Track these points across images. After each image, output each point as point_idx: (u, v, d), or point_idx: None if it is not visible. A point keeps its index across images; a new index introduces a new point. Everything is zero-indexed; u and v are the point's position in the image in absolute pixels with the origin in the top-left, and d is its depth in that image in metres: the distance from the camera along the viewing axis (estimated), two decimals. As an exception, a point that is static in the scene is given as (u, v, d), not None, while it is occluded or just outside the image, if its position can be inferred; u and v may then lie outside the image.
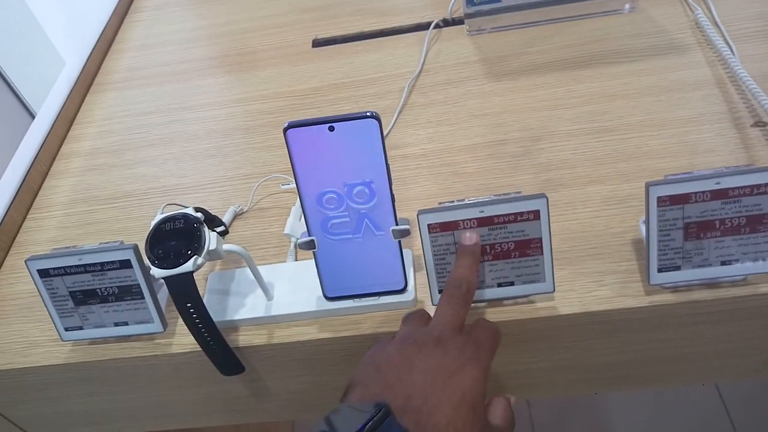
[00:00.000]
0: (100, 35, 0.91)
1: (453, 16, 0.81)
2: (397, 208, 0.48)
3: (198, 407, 0.61)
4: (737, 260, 0.47)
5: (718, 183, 0.45)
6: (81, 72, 0.84)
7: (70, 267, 0.51)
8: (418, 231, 0.48)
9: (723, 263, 0.47)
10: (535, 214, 0.46)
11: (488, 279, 0.49)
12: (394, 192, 0.47)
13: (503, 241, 0.47)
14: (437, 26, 0.80)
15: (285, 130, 0.45)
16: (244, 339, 0.53)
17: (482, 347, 0.41)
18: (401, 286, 0.51)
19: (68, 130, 0.79)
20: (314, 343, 0.52)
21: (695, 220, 0.46)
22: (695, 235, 0.46)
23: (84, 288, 0.52)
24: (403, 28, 0.82)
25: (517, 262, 0.47)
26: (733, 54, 0.66)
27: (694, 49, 0.69)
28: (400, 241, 0.49)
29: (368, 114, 0.44)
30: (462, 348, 0.39)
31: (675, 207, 0.46)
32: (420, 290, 0.52)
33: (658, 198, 0.45)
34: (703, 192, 0.45)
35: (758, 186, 0.45)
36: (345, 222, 0.48)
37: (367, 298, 0.51)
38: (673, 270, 0.47)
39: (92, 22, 0.92)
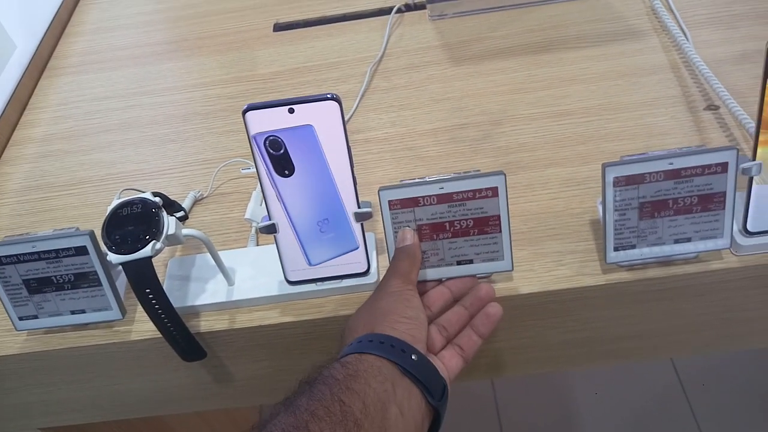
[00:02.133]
0: (54, 18, 0.88)
1: (415, 1, 0.81)
2: (359, 192, 0.48)
3: (160, 395, 0.60)
4: (689, 238, 0.48)
5: (671, 163, 0.46)
6: (33, 55, 0.82)
7: (23, 255, 0.50)
8: (380, 208, 0.48)
9: (676, 241, 0.48)
10: (494, 191, 0.46)
11: (447, 257, 0.49)
12: (356, 176, 0.47)
13: (462, 219, 0.47)
14: (399, 11, 0.80)
15: (244, 112, 0.45)
16: (205, 324, 0.52)
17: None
18: (364, 269, 0.51)
19: (20, 116, 0.77)
20: (276, 327, 0.52)
21: (649, 199, 0.47)
22: (650, 214, 0.47)
23: (38, 276, 0.51)
24: (365, 13, 0.81)
25: (476, 240, 0.48)
26: (687, 40, 0.67)
27: (650, 34, 0.70)
28: (362, 224, 0.49)
29: (329, 96, 0.44)
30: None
31: (630, 187, 0.47)
32: (382, 273, 0.52)
33: (614, 178, 0.46)
34: (657, 172, 0.46)
35: (709, 166, 0.46)
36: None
37: (330, 282, 0.51)
38: (629, 248, 0.49)
39: (45, 4, 0.89)
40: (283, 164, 0.46)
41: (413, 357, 0.41)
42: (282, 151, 0.45)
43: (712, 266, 0.49)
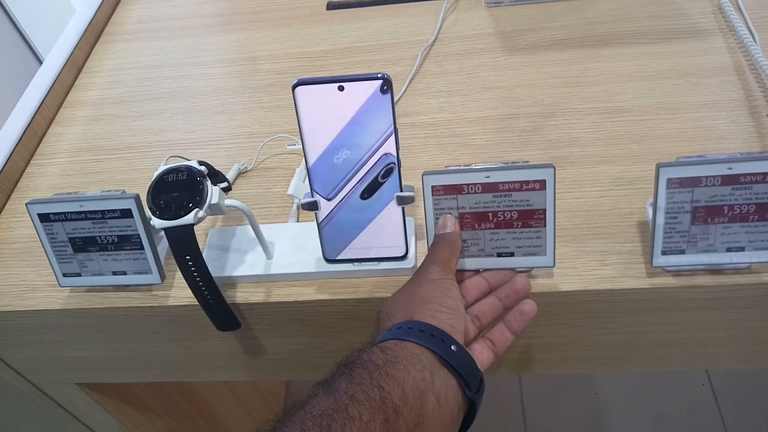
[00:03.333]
0: (113, -16, 0.90)
1: (472, -13, 0.79)
2: (402, 176, 0.47)
3: (192, 361, 0.61)
4: (743, 248, 0.46)
5: (730, 168, 0.44)
6: (91, 20, 0.83)
7: (71, 213, 0.51)
8: (422, 193, 0.47)
9: (728, 250, 0.46)
10: (541, 184, 0.45)
11: (488, 248, 0.48)
12: (400, 159, 0.47)
13: (506, 210, 0.46)
14: (455, -5, 0.79)
15: (293, 87, 0.44)
16: (241, 296, 0.53)
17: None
18: (402, 253, 0.50)
19: (76, 79, 0.78)
20: (311, 304, 0.52)
21: (704, 204, 0.45)
22: (702, 219, 0.46)
23: (84, 235, 0.52)
24: (420, -4, 0.80)
25: (519, 233, 0.47)
26: (755, 41, 0.65)
27: (716, 34, 0.68)
28: (403, 208, 0.48)
29: (379, 75, 0.44)
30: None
31: (684, 190, 0.45)
32: (420, 258, 0.52)
33: (668, 180, 0.45)
34: (714, 176, 0.44)
35: (771, 174, 0.44)
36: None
37: (367, 263, 0.51)
38: (678, 254, 0.47)
39: (105, -29, 0.90)
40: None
41: (452, 347, 0.41)
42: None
43: (765, 278, 0.47)
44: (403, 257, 0.50)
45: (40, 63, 0.77)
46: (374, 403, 0.36)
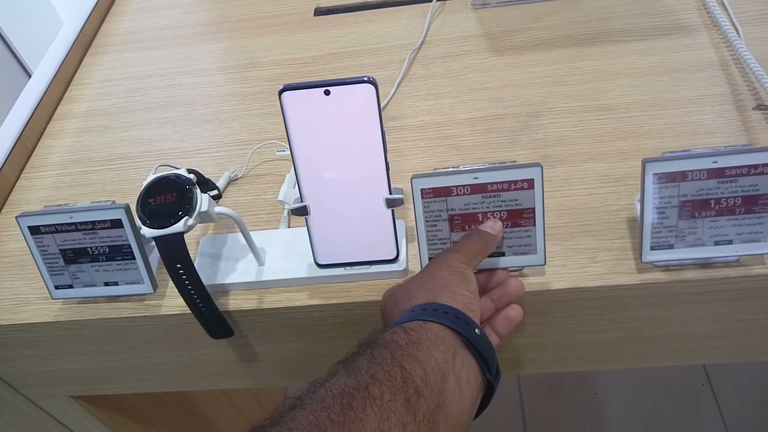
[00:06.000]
0: (100, -4, 0.90)
1: (458, -11, 0.80)
2: (392, 179, 0.47)
3: (187, 370, 0.61)
4: (731, 241, 0.47)
5: (715, 162, 0.44)
6: (79, 33, 0.83)
7: (61, 225, 0.51)
8: (411, 196, 0.47)
9: (717, 243, 0.47)
10: (529, 183, 0.45)
11: (479, 249, 0.48)
12: (389, 162, 0.47)
13: (496, 210, 0.47)
14: (441, -2, 0.79)
15: (280, 92, 0.45)
16: (234, 303, 0.53)
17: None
18: (393, 256, 0.50)
19: (65, 91, 0.78)
20: (304, 310, 0.52)
21: (691, 198, 0.45)
22: (690, 213, 0.46)
23: (74, 246, 0.52)
24: (406, 0, 0.80)
25: (509, 232, 0.47)
26: (739, 36, 0.65)
27: (700, 30, 0.68)
28: (393, 211, 0.49)
29: (365, 79, 0.44)
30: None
31: (671, 185, 0.45)
32: (411, 261, 0.52)
33: (655, 175, 0.45)
34: (700, 170, 0.45)
35: (755, 166, 0.44)
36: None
37: (359, 267, 0.51)
38: (666, 248, 0.47)
39: (92, -17, 0.90)
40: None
41: (476, 330, 0.41)
42: None
43: (753, 271, 0.47)
44: (394, 260, 0.51)
45: (29, 76, 0.77)
46: (396, 383, 0.36)
